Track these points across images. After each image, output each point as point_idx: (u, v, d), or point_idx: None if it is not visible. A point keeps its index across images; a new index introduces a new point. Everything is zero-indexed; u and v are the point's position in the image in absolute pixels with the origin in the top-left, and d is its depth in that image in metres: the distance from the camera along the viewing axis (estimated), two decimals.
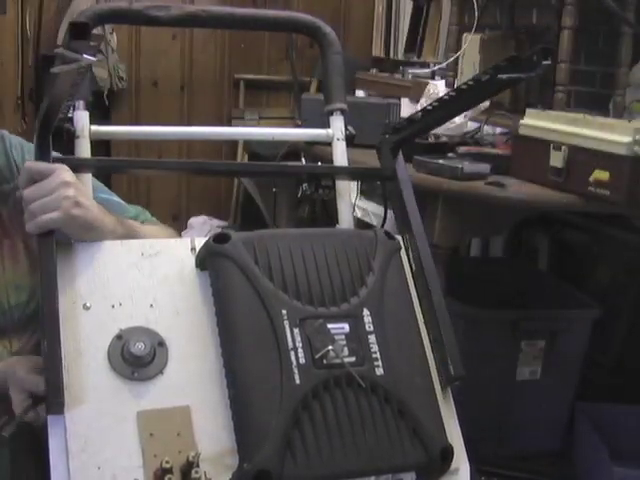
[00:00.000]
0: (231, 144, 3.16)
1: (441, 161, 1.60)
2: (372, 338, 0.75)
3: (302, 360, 0.71)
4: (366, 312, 0.76)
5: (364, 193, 2.02)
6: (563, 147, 1.48)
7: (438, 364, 0.80)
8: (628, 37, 1.81)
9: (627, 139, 1.37)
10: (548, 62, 0.72)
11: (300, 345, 0.72)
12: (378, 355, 0.74)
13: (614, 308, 2.01)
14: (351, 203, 1.00)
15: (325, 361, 0.72)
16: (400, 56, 2.93)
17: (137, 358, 0.72)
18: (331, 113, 1.03)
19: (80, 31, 0.65)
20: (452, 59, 2.12)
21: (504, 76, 0.74)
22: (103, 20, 0.96)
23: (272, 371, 0.71)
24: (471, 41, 2.11)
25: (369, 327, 0.76)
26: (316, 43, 1.06)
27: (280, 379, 0.70)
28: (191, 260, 0.81)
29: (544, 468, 1.87)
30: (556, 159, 1.50)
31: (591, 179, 1.43)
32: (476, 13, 2.09)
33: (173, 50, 3.13)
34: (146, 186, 3.14)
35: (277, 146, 2.00)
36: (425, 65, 2.66)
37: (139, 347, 0.72)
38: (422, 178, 1.57)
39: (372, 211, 1.97)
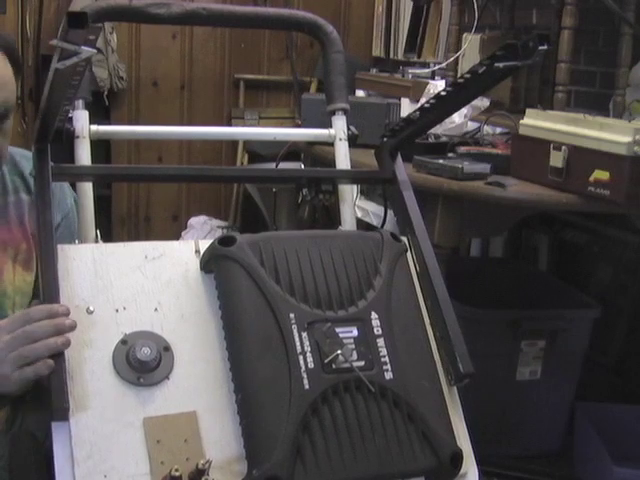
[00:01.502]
0: (231, 144, 3.16)
1: (441, 161, 1.59)
2: (381, 342, 0.74)
3: (311, 365, 0.70)
4: (374, 315, 0.76)
5: (364, 193, 2.01)
6: (563, 147, 1.47)
7: (446, 363, 0.80)
8: (628, 37, 1.80)
9: (627, 139, 1.37)
10: (544, 47, 0.71)
11: (309, 349, 0.71)
12: (387, 359, 0.74)
13: (614, 308, 2.01)
14: (353, 204, 0.99)
15: (334, 366, 0.71)
16: (400, 56, 2.91)
17: (143, 363, 0.71)
18: (333, 113, 1.02)
19: (78, 21, 0.60)
20: (452, 59, 2.11)
21: (501, 65, 0.73)
22: (103, 17, 0.95)
23: (280, 376, 0.70)
24: (471, 41, 2.10)
25: (377, 331, 0.75)
26: (317, 42, 1.05)
27: (289, 384, 0.69)
28: (195, 263, 0.80)
29: (544, 468, 1.86)
30: (556, 159, 1.49)
31: (591, 179, 1.42)
32: (476, 13, 2.09)
33: (173, 50, 3.12)
34: (146, 186, 3.12)
35: (277, 146, 1.99)
36: (425, 65, 2.65)
37: (145, 352, 0.71)
38: (422, 178, 1.56)
39: (372, 211, 1.96)
